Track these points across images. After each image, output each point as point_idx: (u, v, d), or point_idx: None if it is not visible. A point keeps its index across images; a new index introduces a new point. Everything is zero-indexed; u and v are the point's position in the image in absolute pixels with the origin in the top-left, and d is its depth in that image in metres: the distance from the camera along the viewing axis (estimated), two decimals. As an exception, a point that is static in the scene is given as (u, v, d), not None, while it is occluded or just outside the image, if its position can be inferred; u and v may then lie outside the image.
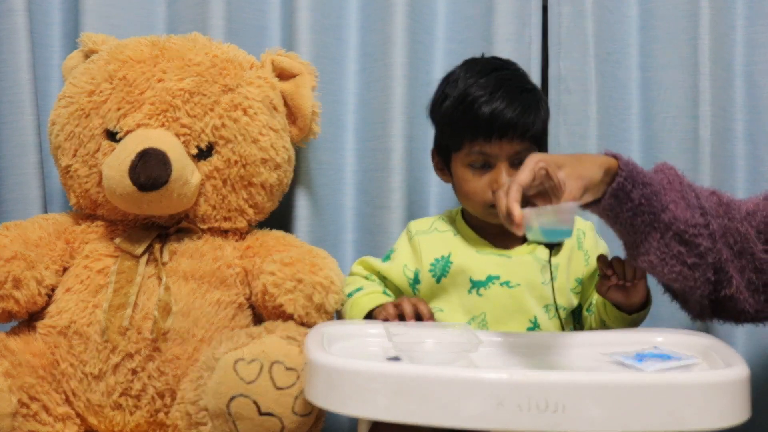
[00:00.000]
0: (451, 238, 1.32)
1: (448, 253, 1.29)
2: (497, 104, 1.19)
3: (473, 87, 1.22)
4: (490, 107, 1.19)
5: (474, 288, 1.27)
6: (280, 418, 1.09)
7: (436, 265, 1.29)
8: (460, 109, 1.22)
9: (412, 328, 1.10)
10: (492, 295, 1.26)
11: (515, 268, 1.27)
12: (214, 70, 1.32)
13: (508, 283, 1.26)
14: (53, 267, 1.28)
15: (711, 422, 0.87)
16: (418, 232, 1.33)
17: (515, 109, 1.20)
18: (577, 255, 1.30)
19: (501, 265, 1.28)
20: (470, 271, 1.27)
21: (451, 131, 1.26)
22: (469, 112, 1.21)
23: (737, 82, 1.51)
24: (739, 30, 1.51)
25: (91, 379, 1.22)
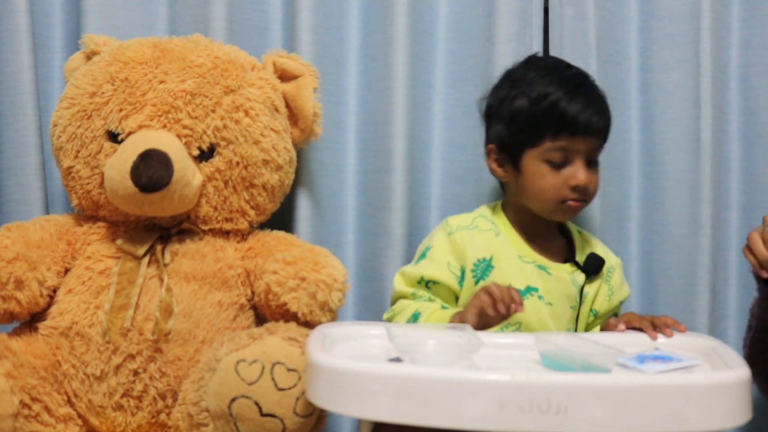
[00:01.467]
0: (493, 239, 1.30)
1: (490, 255, 1.28)
2: (581, 102, 1.23)
3: (553, 85, 1.24)
4: (576, 105, 1.22)
5: None
6: (281, 419, 1.09)
7: (478, 266, 1.27)
8: (543, 107, 1.24)
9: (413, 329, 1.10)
10: (528, 307, 1.23)
11: (552, 285, 1.27)
12: (215, 71, 1.32)
13: (542, 298, 1.26)
14: (55, 268, 1.28)
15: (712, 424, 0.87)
16: (459, 227, 1.30)
17: (597, 107, 1.24)
18: (603, 289, 1.32)
19: (541, 279, 1.27)
20: (511, 278, 1.26)
21: (530, 128, 1.26)
22: (554, 110, 1.23)
23: (732, 84, 1.51)
24: (734, 32, 1.51)
25: (93, 380, 1.23)
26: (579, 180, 1.23)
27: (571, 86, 1.24)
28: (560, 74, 1.27)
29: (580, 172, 1.23)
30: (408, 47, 1.53)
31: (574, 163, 1.24)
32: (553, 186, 1.24)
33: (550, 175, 1.25)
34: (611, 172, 1.57)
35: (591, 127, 1.23)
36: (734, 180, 1.53)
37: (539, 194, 1.26)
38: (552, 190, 1.25)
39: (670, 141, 1.55)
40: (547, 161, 1.24)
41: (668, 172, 1.55)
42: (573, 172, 1.23)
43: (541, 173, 1.25)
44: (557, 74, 1.27)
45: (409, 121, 1.54)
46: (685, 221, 1.54)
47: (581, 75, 1.30)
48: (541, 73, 1.27)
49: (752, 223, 1.50)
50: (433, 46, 1.59)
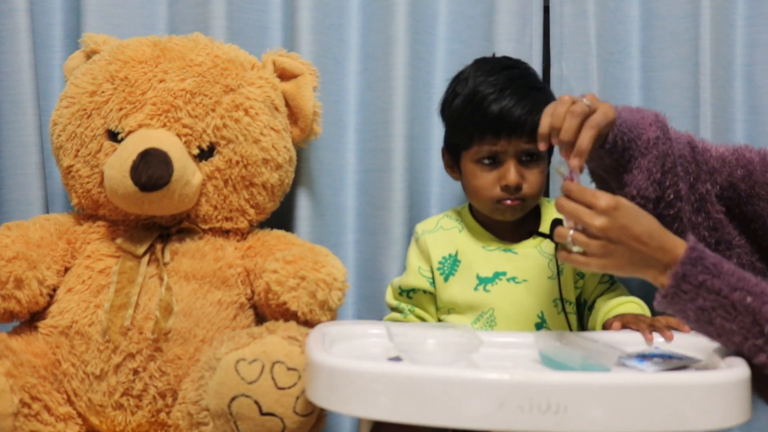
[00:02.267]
0: (456, 235, 1.33)
1: (455, 251, 1.30)
2: (506, 102, 1.21)
3: (482, 85, 1.23)
4: (498, 105, 1.21)
5: (481, 284, 1.27)
6: (281, 418, 1.09)
7: (444, 263, 1.30)
8: (470, 107, 1.24)
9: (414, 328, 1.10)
10: (499, 291, 1.26)
11: (522, 263, 1.28)
12: (215, 70, 1.32)
13: (515, 279, 1.27)
14: (55, 267, 1.28)
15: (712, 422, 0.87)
16: (424, 231, 1.34)
17: (524, 107, 1.21)
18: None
19: (508, 261, 1.28)
20: (477, 267, 1.28)
21: (461, 129, 1.27)
22: (478, 110, 1.22)
23: (737, 83, 1.51)
24: (739, 30, 1.51)
25: (93, 379, 1.23)
26: (508, 180, 1.22)
27: (500, 86, 1.22)
28: (494, 74, 1.25)
29: (510, 173, 1.22)
30: (408, 46, 1.53)
31: (504, 164, 1.23)
32: (485, 186, 1.25)
33: (482, 175, 1.25)
34: (611, 171, 1.58)
35: (518, 126, 1.21)
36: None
37: (475, 194, 1.28)
38: (485, 190, 1.25)
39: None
40: (478, 161, 1.25)
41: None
42: (503, 172, 1.23)
43: (474, 174, 1.26)
44: (491, 74, 1.25)
45: (408, 120, 1.54)
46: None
47: (517, 75, 1.27)
48: (479, 72, 1.27)
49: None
50: (433, 45, 1.59)
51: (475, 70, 1.28)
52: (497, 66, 1.28)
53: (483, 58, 1.34)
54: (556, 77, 1.57)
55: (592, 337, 1.06)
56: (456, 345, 1.01)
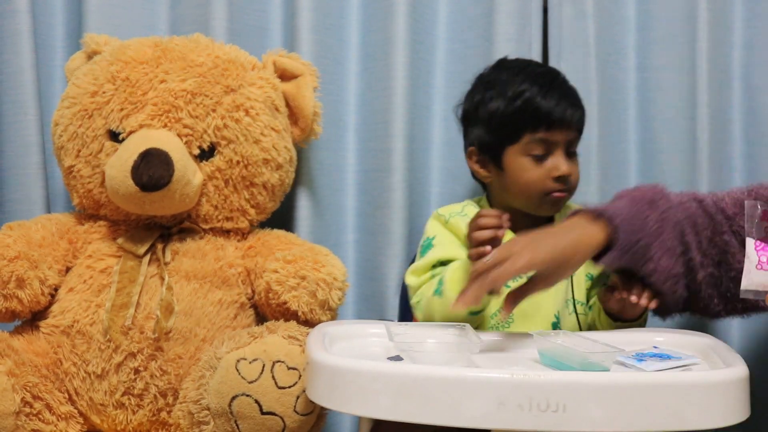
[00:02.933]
0: None
1: None
2: (556, 95, 1.27)
3: (526, 83, 1.28)
4: (551, 99, 1.26)
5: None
6: (281, 417, 1.10)
7: None
8: (519, 104, 1.27)
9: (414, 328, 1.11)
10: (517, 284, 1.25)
11: None
12: (216, 71, 1.32)
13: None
14: (56, 267, 1.28)
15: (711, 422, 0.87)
16: (452, 214, 1.32)
17: (570, 100, 1.28)
18: None
19: None
20: None
21: (509, 125, 1.28)
22: (529, 105, 1.26)
23: (735, 84, 1.51)
24: (737, 32, 1.51)
25: (94, 378, 1.23)
26: (561, 170, 1.26)
27: (544, 82, 1.28)
28: (531, 72, 1.31)
29: (562, 163, 1.26)
30: (408, 47, 1.53)
31: (554, 155, 1.27)
32: (537, 178, 1.27)
33: (532, 168, 1.27)
34: (610, 171, 1.58)
35: (566, 118, 1.26)
36: (737, 181, 1.52)
37: (524, 188, 1.28)
38: (536, 182, 1.27)
39: (667, 141, 1.56)
40: (529, 154, 1.27)
41: (666, 172, 1.55)
42: (555, 164, 1.26)
43: (524, 167, 1.28)
44: (528, 72, 1.30)
45: (408, 120, 1.54)
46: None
47: (552, 71, 1.34)
48: (513, 72, 1.31)
49: (755, 224, 1.51)
50: (433, 45, 1.59)
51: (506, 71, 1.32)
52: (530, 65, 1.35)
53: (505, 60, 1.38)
54: (556, 77, 1.57)
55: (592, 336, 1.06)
56: (456, 345, 1.01)
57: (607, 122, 1.57)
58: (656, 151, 1.56)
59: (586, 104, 1.55)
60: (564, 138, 1.26)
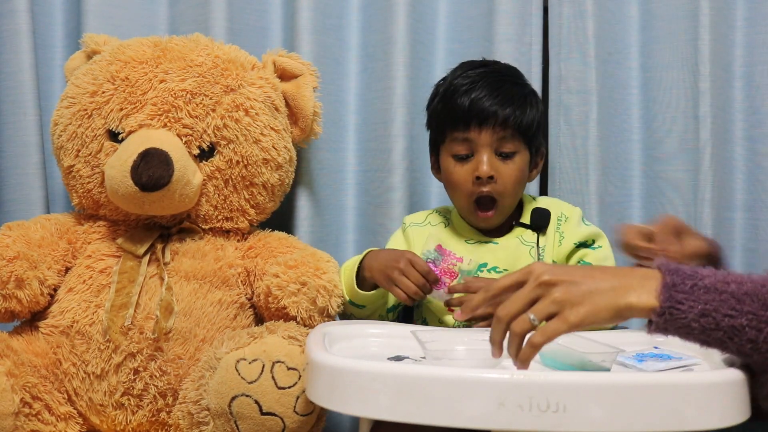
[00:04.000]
0: (442, 230, 1.35)
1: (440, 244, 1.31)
2: (477, 93, 1.23)
3: (458, 79, 1.27)
4: (470, 95, 1.23)
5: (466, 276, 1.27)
6: (281, 417, 1.10)
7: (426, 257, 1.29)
8: (444, 101, 1.27)
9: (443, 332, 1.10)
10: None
11: (502, 253, 1.29)
12: (215, 70, 1.32)
13: (496, 269, 1.28)
14: (56, 267, 1.28)
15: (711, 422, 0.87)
16: (411, 224, 1.37)
17: (495, 97, 1.23)
18: (553, 237, 1.32)
19: (489, 252, 1.29)
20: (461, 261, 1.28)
21: (436, 123, 1.30)
22: (450, 102, 1.25)
23: (737, 83, 1.51)
24: (739, 31, 1.51)
25: (94, 378, 1.23)
26: (480, 171, 1.23)
27: (473, 79, 1.25)
28: (470, 69, 1.28)
29: (482, 163, 1.23)
30: (408, 47, 1.53)
31: (478, 154, 1.25)
32: (461, 179, 1.26)
33: (457, 168, 1.26)
34: (612, 171, 1.58)
35: (487, 116, 1.22)
36: (739, 180, 1.52)
37: (452, 190, 1.30)
38: (459, 183, 1.27)
39: (669, 140, 1.55)
40: (453, 155, 1.27)
41: (668, 172, 1.55)
42: (476, 163, 1.24)
43: (450, 168, 1.28)
44: (470, 69, 1.28)
45: (408, 120, 1.54)
46: (686, 221, 1.53)
47: (490, 67, 1.29)
48: (457, 71, 1.30)
49: (757, 224, 1.50)
50: (433, 45, 1.59)
51: (455, 69, 1.32)
52: (477, 64, 1.32)
53: (469, 60, 1.37)
54: (555, 77, 1.58)
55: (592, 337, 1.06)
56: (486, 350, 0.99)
57: (608, 122, 1.57)
58: (658, 151, 1.56)
59: (586, 104, 1.56)
60: (489, 138, 1.23)
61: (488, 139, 1.24)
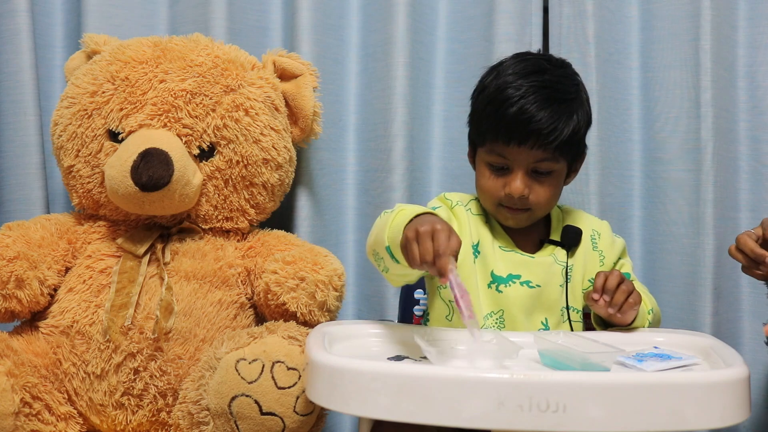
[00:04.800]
0: (481, 225, 1.27)
1: (477, 240, 1.25)
2: (524, 109, 1.15)
3: (509, 87, 1.17)
4: (516, 110, 1.15)
5: (494, 283, 1.24)
6: (281, 417, 1.10)
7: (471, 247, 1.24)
8: (489, 107, 1.19)
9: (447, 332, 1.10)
10: (511, 294, 1.23)
11: (536, 269, 1.25)
12: (215, 70, 1.32)
13: (528, 283, 1.24)
14: (56, 267, 1.28)
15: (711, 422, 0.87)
16: (459, 202, 1.27)
17: (541, 118, 1.15)
18: (592, 256, 1.29)
19: (523, 265, 1.25)
20: (493, 265, 1.24)
21: (477, 126, 1.23)
22: (495, 112, 1.17)
23: (740, 83, 1.51)
24: (741, 30, 1.51)
25: (94, 378, 1.23)
26: (512, 190, 1.18)
27: (526, 91, 1.16)
28: (525, 76, 1.18)
29: (515, 182, 1.18)
30: (408, 46, 1.53)
31: (513, 171, 1.19)
32: (491, 189, 1.21)
33: (490, 177, 1.21)
34: (613, 172, 1.58)
35: (529, 138, 1.16)
36: (742, 180, 1.52)
37: (481, 194, 1.25)
38: (490, 191, 1.22)
39: (671, 140, 1.55)
40: (488, 164, 1.21)
41: (670, 172, 1.55)
42: (510, 180, 1.19)
43: (483, 174, 1.23)
44: (522, 76, 1.18)
45: (408, 120, 1.54)
46: (687, 221, 1.53)
47: (547, 81, 1.18)
48: (511, 70, 1.20)
49: (761, 224, 1.50)
50: (433, 45, 1.59)
51: (509, 65, 1.22)
52: (531, 67, 1.21)
53: (523, 55, 1.26)
54: (555, 77, 1.57)
55: (592, 337, 1.06)
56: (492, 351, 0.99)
57: (608, 122, 1.57)
58: (660, 151, 1.56)
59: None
60: (527, 158, 1.17)
61: (526, 159, 1.18)
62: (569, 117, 1.18)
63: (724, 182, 1.51)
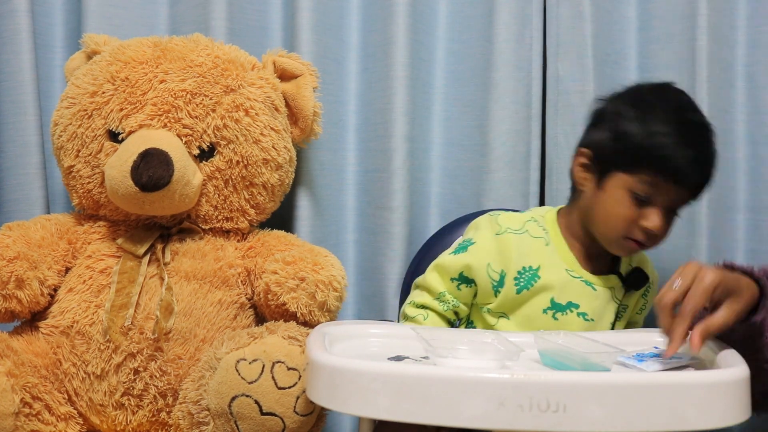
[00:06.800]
0: (542, 248, 1.25)
1: (537, 265, 1.23)
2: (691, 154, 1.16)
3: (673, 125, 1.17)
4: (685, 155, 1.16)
5: (552, 309, 1.22)
6: (281, 417, 1.10)
7: (522, 274, 1.23)
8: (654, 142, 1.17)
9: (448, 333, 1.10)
10: (567, 322, 1.22)
11: (595, 302, 1.24)
12: (215, 71, 1.32)
13: (584, 315, 1.23)
14: (56, 267, 1.28)
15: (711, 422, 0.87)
16: (509, 229, 1.25)
17: (705, 164, 1.18)
18: (639, 302, 1.31)
19: (585, 296, 1.23)
20: (555, 291, 1.23)
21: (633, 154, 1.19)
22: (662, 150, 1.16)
23: (738, 83, 1.51)
24: (740, 30, 1.51)
25: (94, 378, 1.23)
26: (652, 224, 1.18)
27: (689, 134, 1.18)
28: (683, 116, 1.20)
29: (656, 217, 1.18)
30: (408, 47, 1.53)
31: (655, 205, 1.18)
32: (626, 218, 1.19)
33: (627, 206, 1.19)
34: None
35: (688, 181, 1.18)
36: (741, 181, 1.52)
37: (607, 220, 1.21)
38: (623, 222, 1.19)
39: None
40: (632, 192, 1.19)
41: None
42: (650, 214, 1.18)
43: (620, 201, 1.19)
44: (681, 115, 1.20)
45: (409, 120, 1.54)
46: (683, 221, 1.53)
47: (703, 125, 1.22)
48: (667, 106, 1.20)
49: (760, 225, 1.50)
50: (433, 45, 1.60)
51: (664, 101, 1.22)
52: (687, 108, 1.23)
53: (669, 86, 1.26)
54: (553, 78, 1.57)
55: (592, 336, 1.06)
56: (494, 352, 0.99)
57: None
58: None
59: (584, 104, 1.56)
60: (673, 196, 1.18)
61: (674, 197, 1.19)
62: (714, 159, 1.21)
63: (721, 183, 1.51)
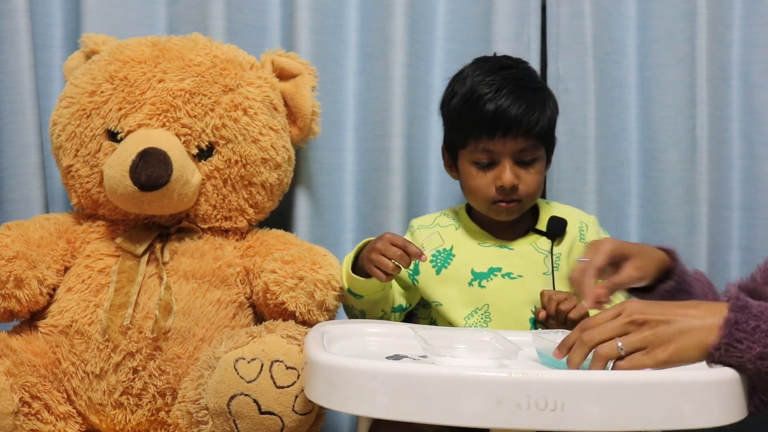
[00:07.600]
0: (453, 232, 1.34)
1: (450, 246, 1.31)
2: (502, 101, 1.21)
3: (479, 84, 1.23)
4: (494, 104, 1.21)
5: (475, 280, 1.28)
6: (280, 416, 1.10)
7: (437, 256, 1.30)
8: (466, 107, 1.24)
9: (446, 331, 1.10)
10: (494, 287, 1.27)
11: (517, 259, 1.29)
12: (214, 70, 1.32)
13: (509, 275, 1.27)
14: (55, 267, 1.28)
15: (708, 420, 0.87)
16: (420, 226, 1.36)
17: (519, 106, 1.21)
18: (578, 246, 1.32)
19: (503, 257, 1.29)
20: (472, 263, 1.29)
21: (458, 128, 1.28)
22: (474, 110, 1.22)
23: (734, 82, 1.51)
24: (736, 30, 1.52)
25: (93, 377, 1.23)
26: (503, 181, 1.23)
27: (497, 86, 1.22)
28: (491, 73, 1.24)
29: (505, 173, 1.23)
30: (406, 46, 1.53)
31: (500, 164, 1.23)
32: (481, 187, 1.26)
33: (477, 176, 1.26)
34: (609, 170, 1.58)
35: (512, 127, 1.21)
36: (736, 179, 1.53)
37: (472, 194, 1.29)
38: (480, 190, 1.26)
39: (667, 139, 1.56)
40: (474, 162, 1.25)
41: (666, 171, 1.56)
42: (499, 173, 1.23)
43: (470, 174, 1.27)
44: (489, 73, 1.24)
45: (407, 120, 1.54)
46: (683, 220, 1.54)
47: (515, 74, 1.25)
48: (477, 71, 1.26)
49: (754, 223, 1.51)
50: (431, 45, 1.60)
51: (473, 69, 1.29)
52: (496, 65, 1.28)
53: (483, 57, 1.35)
54: (553, 77, 1.58)
55: None
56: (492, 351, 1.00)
57: (606, 121, 1.57)
58: (656, 150, 1.57)
59: (584, 103, 1.57)
60: (512, 147, 1.22)
61: (512, 148, 1.23)
62: (543, 104, 1.25)
63: (717, 181, 1.52)
